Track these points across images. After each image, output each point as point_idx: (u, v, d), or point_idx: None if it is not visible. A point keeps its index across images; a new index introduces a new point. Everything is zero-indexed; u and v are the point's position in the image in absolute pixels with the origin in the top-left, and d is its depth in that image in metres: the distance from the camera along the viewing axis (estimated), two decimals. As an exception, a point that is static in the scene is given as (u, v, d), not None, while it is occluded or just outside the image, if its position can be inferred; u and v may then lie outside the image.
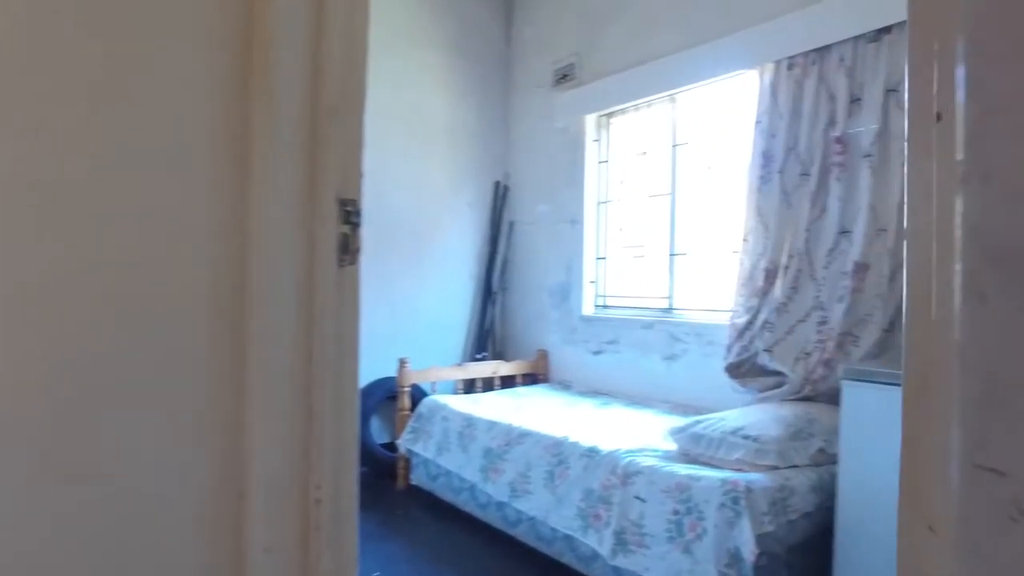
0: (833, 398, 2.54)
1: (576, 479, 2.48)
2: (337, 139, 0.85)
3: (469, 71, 4.58)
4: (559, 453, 2.63)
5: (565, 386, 4.05)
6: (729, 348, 2.89)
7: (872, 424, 1.92)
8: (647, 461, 2.31)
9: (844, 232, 2.59)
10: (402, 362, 3.67)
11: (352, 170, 0.88)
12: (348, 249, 0.83)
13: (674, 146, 3.61)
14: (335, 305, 0.83)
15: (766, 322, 2.75)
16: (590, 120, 4.09)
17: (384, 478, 3.73)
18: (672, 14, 3.50)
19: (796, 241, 2.73)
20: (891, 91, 2.52)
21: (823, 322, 2.58)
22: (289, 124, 0.80)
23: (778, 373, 2.71)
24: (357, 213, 0.86)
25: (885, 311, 2.47)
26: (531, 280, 4.54)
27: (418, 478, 3.46)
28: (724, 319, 3.08)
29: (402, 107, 4.23)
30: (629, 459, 2.34)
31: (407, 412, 3.64)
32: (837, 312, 2.54)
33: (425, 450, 3.40)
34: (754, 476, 2.05)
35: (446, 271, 4.50)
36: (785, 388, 2.61)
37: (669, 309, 3.60)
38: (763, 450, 2.13)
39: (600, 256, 4.08)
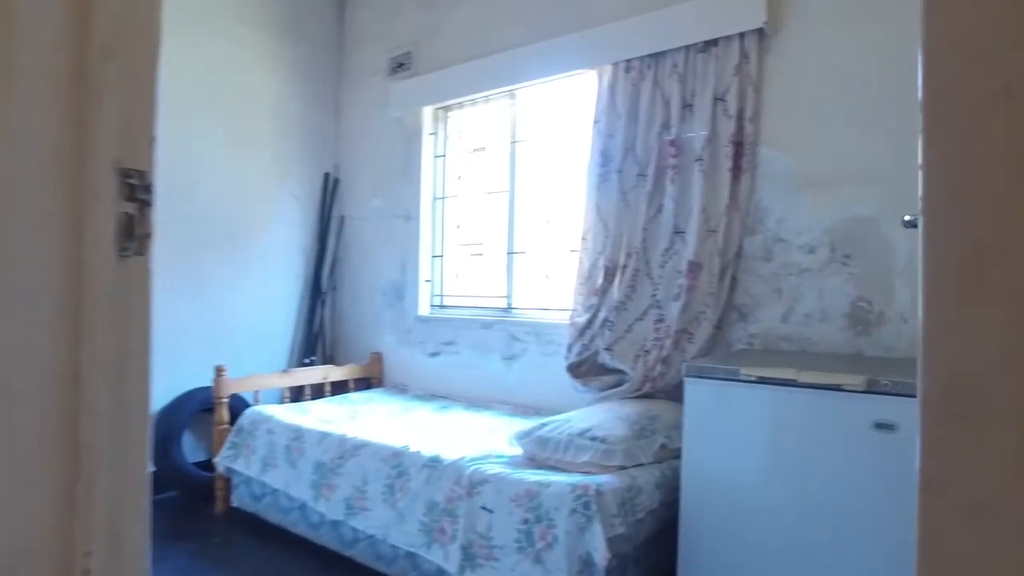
0: (672, 394, 2.60)
1: (418, 492, 2.31)
2: (114, 89, 0.62)
3: (298, 54, 4.23)
4: (399, 464, 2.44)
5: (401, 390, 3.86)
6: (570, 347, 2.87)
7: (712, 418, 1.96)
8: (493, 469, 2.20)
9: (678, 232, 2.67)
10: (219, 370, 3.27)
11: (139, 132, 0.65)
12: (133, 235, 0.61)
13: (513, 142, 3.56)
14: (114, 308, 0.60)
15: (606, 320, 2.76)
16: (427, 112, 3.93)
17: (199, 502, 3.31)
18: (514, 7, 3.44)
19: (634, 240, 2.77)
20: (718, 99, 2.63)
21: (660, 320, 2.64)
22: (37, 57, 0.57)
23: (619, 371, 2.74)
24: (147, 188, 0.64)
25: (716, 309, 2.57)
26: (363, 279, 4.29)
27: (240, 499, 3.10)
28: (563, 318, 3.07)
29: (222, 87, 3.80)
30: (474, 468, 2.22)
31: (226, 426, 3.25)
32: (673, 310, 2.61)
33: (247, 468, 3.05)
34: (603, 478, 2.01)
35: (270, 268, 4.12)
36: (626, 386, 2.63)
37: (508, 309, 3.54)
38: (611, 451, 2.10)
39: (436, 254, 3.93)
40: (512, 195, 3.55)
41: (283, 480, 2.84)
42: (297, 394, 3.72)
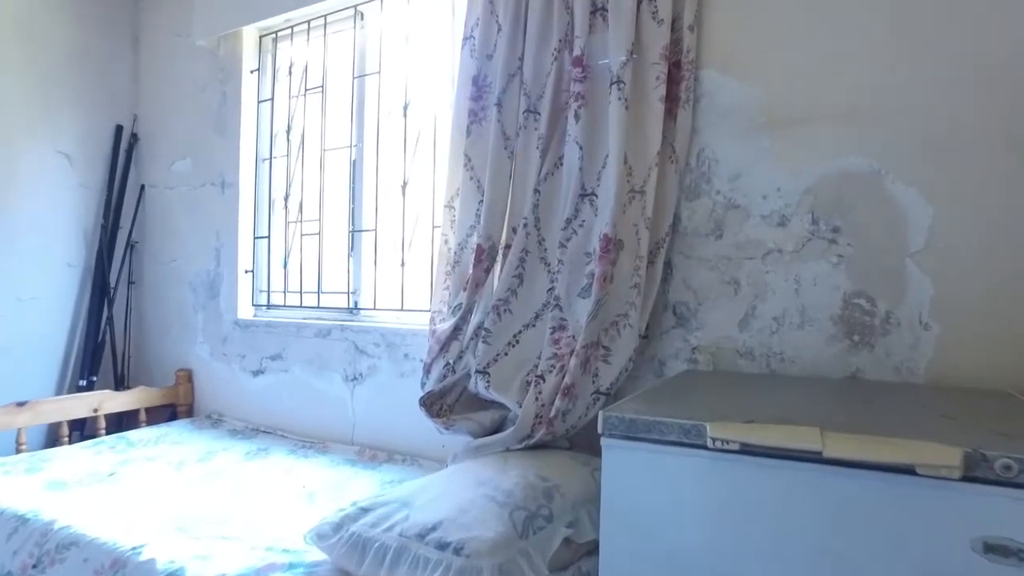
0: (578, 441, 1.71)
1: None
2: None
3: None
4: (119, 584, 1.42)
5: (214, 422, 2.78)
6: (427, 369, 1.92)
7: (654, 515, 1.07)
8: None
9: (586, 195, 1.77)
10: None
11: None
12: None
13: (360, 77, 2.56)
14: None
15: (480, 329, 1.83)
16: (248, 39, 2.86)
17: None
18: None
19: (521, 206, 1.86)
20: None
21: (560, 327, 1.73)
22: None
23: (498, 406, 1.82)
24: None
25: (642, 310, 1.70)
26: (168, 269, 3.16)
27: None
28: (425, 323, 2.12)
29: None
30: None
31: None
32: (579, 312, 1.71)
33: None
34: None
35: (24, 256, 2.92)
36: (509, 432, 1.70)
37: (353, 309, 2.55)
38: (473, 568, 1.17)
39: (260, 235, 2.87)
40: (359, 151, 2.56)
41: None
42: (56, 436, 2.60)
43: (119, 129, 3.25)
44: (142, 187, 3.28)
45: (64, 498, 1.87)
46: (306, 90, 2.73)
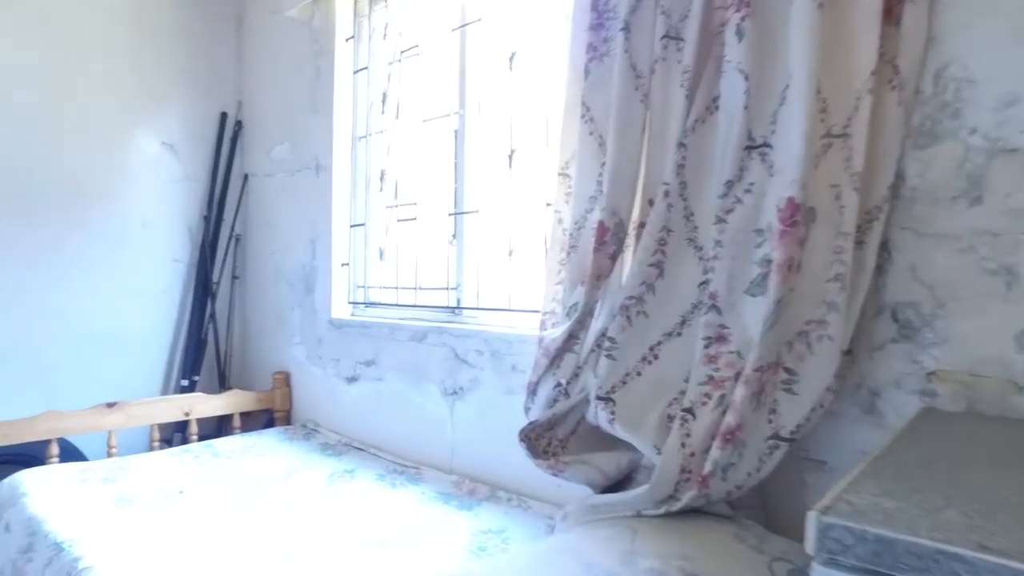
0: (748, 505, 1.17)
1: None
2: None
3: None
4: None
5: (308, 433, 2.48)
6: (533, 390, 1.44)
7: None
8: None
9: (757, 146, 1.21)
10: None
11: None
12: None
13: (461, 27, 2.13)
14: None
15: (603, 338, 1.33)
16: (342, 2, 2.53)
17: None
18: None
19: (659, 169, 1.33)
20: None
21: (719, 338, 1.19)
22: None
23: (628, 446, 1.31)
24: None
25: (846, 313, 1.12)
26: (268, 263, 2.93)
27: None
28: (537, 326, 1.64)
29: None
30: None
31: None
32: (748, 316, 1.16)
33: None
34: None
35: (129, 251, 2.79)
36: (642, 492, 1.18)
37: (456, 309, 2.13)
38: None
39: (356, 222, 2.54)
40: (461, 119, 2.14)
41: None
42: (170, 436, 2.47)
43: (223, 117, 3.06)
44: (245, 176, 3.08)
45: (117, 519, 1.63)
46: (402, 52, 2.34)
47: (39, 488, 1.85)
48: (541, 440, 1.37)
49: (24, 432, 2.10)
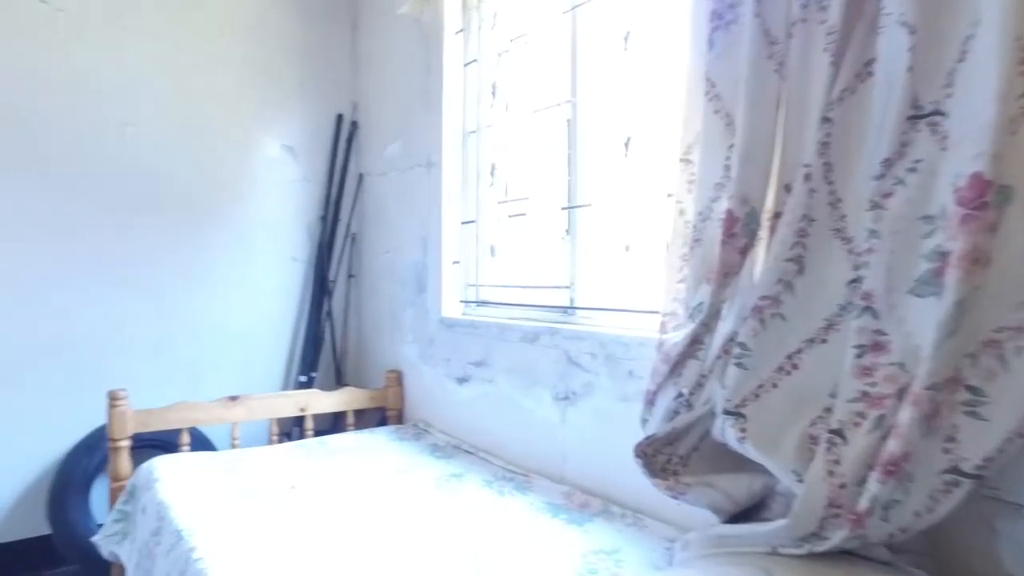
0: (914, 550, 0.98)
1: None
2: None
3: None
4: None
5: (419, 432, 2.46)
6: (651, 400, 1.30)
7: None
8: None
9: (924, 115, 1.00)
10: (112, 398, 2.12)
11: None
12: None
13: (572, 9, 2.00)
14: None
15: (732, 343, 1.17)
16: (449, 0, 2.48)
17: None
18: None
19: (798, 149, 1.15)
20: None
21: (876, 347, 1.00)
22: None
23: (760, 468, 1.14)
24: None
25: (1048, 318, 0.89)
26: (381, 261, 2.95)
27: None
28: (656, 328, 1.49)
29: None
30: None
31: (123, 483, 2.09)
32: (914, 321, 0.96)
33: (129, 559, 1.88)
34: None
35: (253, 250, 2.91)
36: (780, 526, 1.01)
37: (569, 309, 2.01)
38: None
39: (467, 219, 2.48)
40: (573, 107, 2.01)
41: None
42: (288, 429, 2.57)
43: (339, 118, 3.12)
44: (360, 176, 3.12)
45: (232, 512, 1.65)
46: (511, 41, 2.25)
47: (169, 474, 1.93)
48: (659, 457, 1.23)
49: (159, 421, 2.21)
